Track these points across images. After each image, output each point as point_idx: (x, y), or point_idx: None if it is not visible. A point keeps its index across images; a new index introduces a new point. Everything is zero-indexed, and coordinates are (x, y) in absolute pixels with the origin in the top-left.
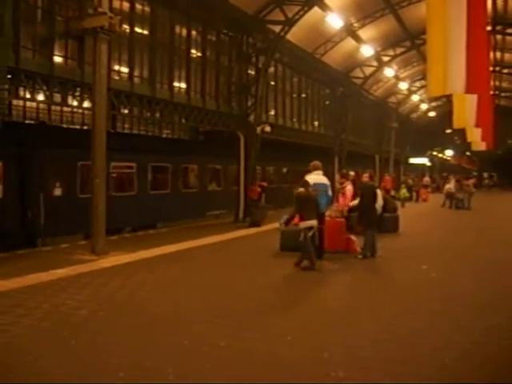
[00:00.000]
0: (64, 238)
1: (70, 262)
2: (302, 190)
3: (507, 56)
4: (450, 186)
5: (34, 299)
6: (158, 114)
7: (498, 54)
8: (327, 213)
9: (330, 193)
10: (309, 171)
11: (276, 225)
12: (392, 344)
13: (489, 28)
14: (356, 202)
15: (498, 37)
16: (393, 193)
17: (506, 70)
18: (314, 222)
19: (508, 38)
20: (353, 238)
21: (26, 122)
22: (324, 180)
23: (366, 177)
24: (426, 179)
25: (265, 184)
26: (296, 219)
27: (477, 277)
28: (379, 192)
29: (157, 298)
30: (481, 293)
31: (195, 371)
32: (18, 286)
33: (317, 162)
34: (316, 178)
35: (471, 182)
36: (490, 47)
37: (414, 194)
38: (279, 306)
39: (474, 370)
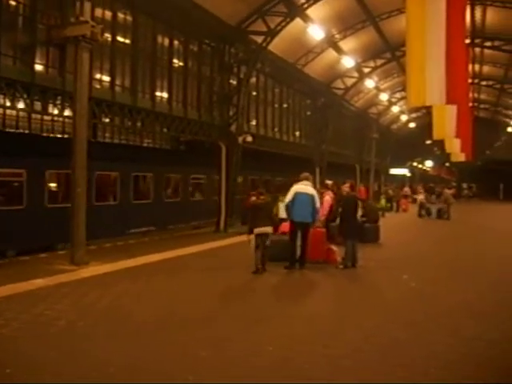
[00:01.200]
0: None
1: (49, 272)
2: (253, 199)
3: (486, 68)
4: (422, 197)
5: (13, 309)
6: (139, 124)
7: (477, 67)
8: None
9: (316, 204)
10: (297, 181)
11: None
12: (374, 353)
13: (467, 41)
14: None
15: (477, 50)
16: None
17: (484, 83)
18: (266, 229)
19: (486, 51)
20: (333, 247)
21: None
22: (309, 190)
23: (346, 187)
24: (406, 189)
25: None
26: (283, 227)
27: (457, 286)
28: (359, 203)
29: (137, 307)
30: (462, 303)
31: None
32: None
33: (306, 174)
34: (302, 187)
35: (450, 191)
36: (468, 60)
37: (395, 204)
38: (261, 315)
39: (458, 380)
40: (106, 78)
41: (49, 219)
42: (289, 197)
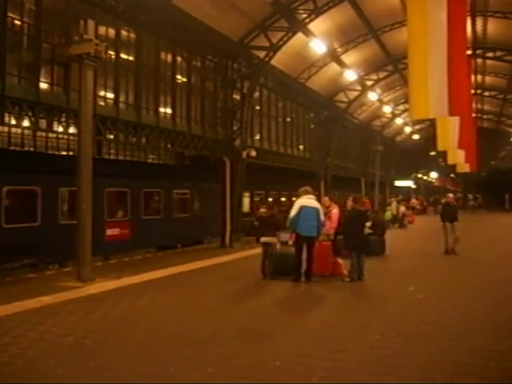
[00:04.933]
0: None
1: (56, 289)
2: (262, 210)
3: (488, 79)
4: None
5: (20, 327)
6: (143, 140)
7: (480, 77)
8: None
9: (321, 217)
10: (297, 195)
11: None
12: (380, 366)
13: (469, 52)
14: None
15: (479, 60)
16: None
17: (487, 93)
18: (269, 239)
19: (488, 61)
20: (340, 261)
21: None
22: (314, 204)
23: (350, 200)
24: (413, 202)
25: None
26: (292, 237)
27: (465, 298)
28: (367, 215)
29: (144, 324)
30: (469, 314)
31: None
32: (5, 313)
33: (307, 187)
34: (307, 201)
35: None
36: (470, 71)
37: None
38: (268, 330)
39: None
40: (110, 95)
41: None
42: (294, 210)
